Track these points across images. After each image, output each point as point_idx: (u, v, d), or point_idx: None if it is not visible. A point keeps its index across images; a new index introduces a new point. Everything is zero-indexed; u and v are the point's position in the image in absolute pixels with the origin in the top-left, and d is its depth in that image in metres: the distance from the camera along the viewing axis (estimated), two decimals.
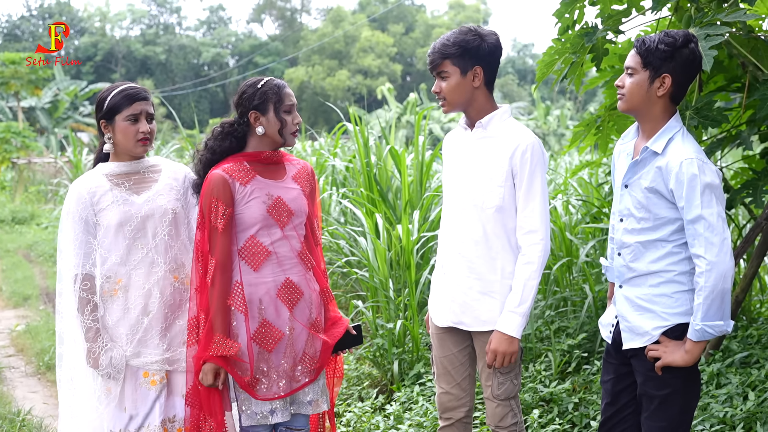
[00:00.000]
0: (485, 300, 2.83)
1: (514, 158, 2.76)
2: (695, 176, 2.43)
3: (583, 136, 4.20)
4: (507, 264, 2.81)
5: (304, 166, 2.97)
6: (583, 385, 4.13)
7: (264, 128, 2.81)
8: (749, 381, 3.71)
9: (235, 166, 2.80)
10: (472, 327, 2.87)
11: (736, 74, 3.84)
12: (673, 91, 2.52)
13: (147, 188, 2.92)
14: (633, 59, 2.55)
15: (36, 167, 18.65)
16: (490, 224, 2.80)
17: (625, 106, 2.59)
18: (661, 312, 2.54)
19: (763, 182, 3.72)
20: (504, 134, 2.82)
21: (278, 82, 2.85)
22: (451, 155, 2.98)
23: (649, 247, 2.56)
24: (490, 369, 2.84)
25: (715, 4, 3.40)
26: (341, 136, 8.48)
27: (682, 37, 2.50)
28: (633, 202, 2.59)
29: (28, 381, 5.32)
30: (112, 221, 2.84)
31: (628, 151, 2.66)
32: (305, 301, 2.87)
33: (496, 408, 2.87)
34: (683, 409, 2.56)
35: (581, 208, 5.66)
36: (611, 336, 2.71)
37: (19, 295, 7.86)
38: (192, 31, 49.66)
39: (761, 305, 4.95)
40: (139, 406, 2.84)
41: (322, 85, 40.69)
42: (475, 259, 2.83)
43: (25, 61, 22.38)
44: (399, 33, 44.99)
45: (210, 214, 2.76)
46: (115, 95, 2.87)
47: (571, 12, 3.68)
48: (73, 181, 12.54)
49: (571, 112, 28.14)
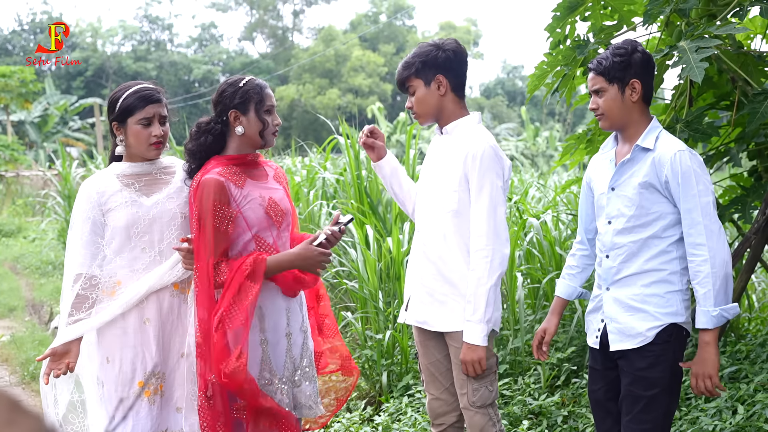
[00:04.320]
0: (447, 301, 2.87)
1: (467, 163, 2.81)
2: (689, 166, 2.51)
3: (573, 150, 4.22)
4: (466, 268, 2.84)
5: (278, 167, 2.97)
6: (572, 398, 4.13)
7: (244, 128, 2.76)
8: (738, 395, 3.72)
9: (227, 170, 2.74)
10: (435, 327, 2.90)
11: (726, 91, 3.88)
12: (643, 92, 2.63)
13: (158, 190, 2.84)
14: (597, 81, 2.65)
15: (24, 180, 18.56)
16: (449, 228, 2.85)
17: (607, 124, 2.68)
18: (654, 312, 2.57)
19: (752, 198, 3.76)
20: (463, 140, 2.87)
21: (260, 82, 2.81)
22: (426, 159, 3.05)
23: (642, 246, 2.60)
24: (464, 377, 2.86)
25: (705, 19, 3.45)
26: (331, 152, 8.49)
27: (629, 44, 2.66)
28: (623, 202, 2.63)
29: (13, 391, 5.26)
30: (120, 222, 2.76)
31: (610, 158, 2.73)
32: (297, 302, 2.87)
33: (474, 416, 2.87)
34: (668, 410, 2.59)
35: (570, 223, 5.68)
36: (598, 341, 2.71)
37: (4, 306, 7.80)
38: (183, 47, 49.73)
39: (749, 322, 4.97)
40: (129, 414, 2.72)
41: (312, 103, 40.76)
42: (437, 261, 2.88)
43: (15, 74, 22.35)
44: (390, 53, 45.18)
45: (214, 217, 2.67)
46: (129, 96, 2.78)
47: (562, 27, 3.72)
48: (61, 193, 12.38)
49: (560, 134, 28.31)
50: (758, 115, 3.25)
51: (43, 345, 5.90)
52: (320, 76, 42.97)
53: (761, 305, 5.36)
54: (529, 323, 4.79)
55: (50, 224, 13.03)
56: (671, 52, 3.09)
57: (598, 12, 3.72)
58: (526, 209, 5.88)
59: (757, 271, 5.67)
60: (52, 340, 6.11)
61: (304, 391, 2.85)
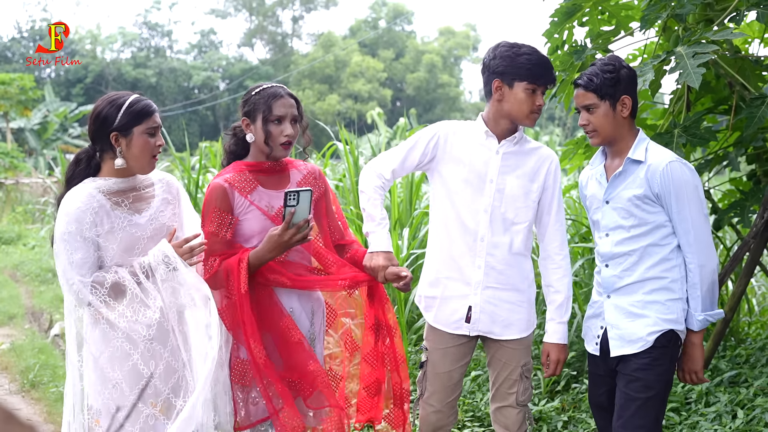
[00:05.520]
0: (519, 309, 2.91)
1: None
2: (680, 177, 2.57)
3: (571, 155, 4.23)
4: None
5: (311, 171, 2.89)
6: (572, 403, 4.13)
7: (253, 136, 2.76)
8: (738, 399, 3.72)
9: (237, 176, 2.73)
10: (503, 336, 2.90)
11: (724, 95, 3.88)
12: (632, 107, 2.68)
13: (147, 206, 2.69)
14: (588, 97, 2.67)
15: (24, 187, 18.56)
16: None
17: (599, 140, 2.72)
18: (655, 317, 2.61)
19: (750, 202, 3.76)
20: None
21: (273, 91, 2.75)
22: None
23: (643, 255, 2.63)
24: (516, 377, 2.90)
25: (702, 24, 3.46)
26: (331, 158, 8.50)
27: (615, 60, 2.71)
28: (619, 214, 2.67)
29: (12, 399, 5.26)
30: (119, 246, 2.60)
31: (600, 173, 2.77)
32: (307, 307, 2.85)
33: (518, 414, 2.91)
34: (658, 416, 2.62)
35: (570, 228, 5.68)
36: (598, 348, 2.72)
37: (4, 314, 7.79)
38: (183, 54, 49.76)
39: (749, 326, 4.97)
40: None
41: (312, 109, 40.80)
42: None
43: (15, 82, 22.37)
44: (389, 58, 45.25)
45: (212, 223, 2.67)
46: (133, 104, 2.60)
47: (560, 32, 3.73)
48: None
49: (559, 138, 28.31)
50: (756, 119, 3.26)
51: (43, 353, 5.90)
52: (320, 82, 43.04)
53: (761, 309, 5.36)
54: None
55: (50, 232, 12.99)
56: (669, 57, 3.09)
57: (596, 17, 3.73)
58: None
59: (757, 274, 5.67)
60: (52, 348, 6.09)
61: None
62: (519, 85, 2.76)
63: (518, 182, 2.84)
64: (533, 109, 2.80)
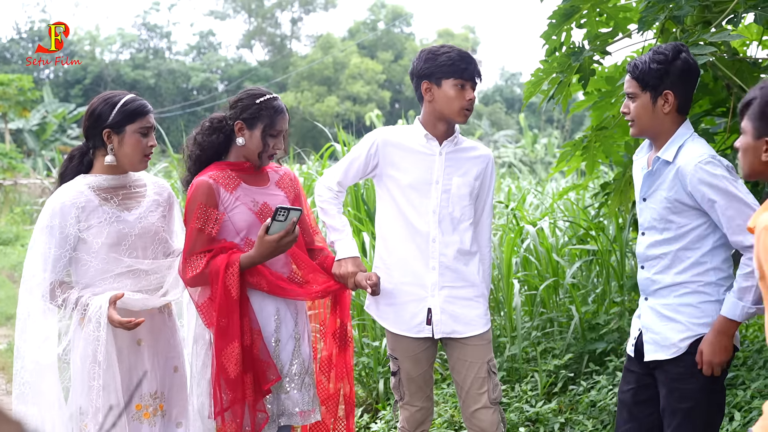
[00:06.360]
0: (476, 305, 2.94)
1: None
2: (711, 177, 2.41)
3: (569, 157, 4.23)
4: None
5: (286, 173, 2.98)
6: (569, 405, 4.12)
7: (245, 142, 2.80)
8: (735, 402, 3.71)
9: (221, 173, 2.78)
10: (466, 333, 2.93)
11: (721, 97, 3.89)
12: (678, 104, 2.52)
13: (137, 204, 2.74)
14: (630, 84, 2.55)
15: (22, 188, 18.56)
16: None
17: (637, 131, 2.59)
18: (687, 321, 2.50)
19: None
20: None
21: (278, 105, 2.82)
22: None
23: (674, 259, 2.52)
24: (484, 374, 2.90)
25: (700, 26, 3.46)
26: (329, 160, 8.49)
27: (671, 50, 2.51)
28: (653, 215, 2.57)
29: (9, 399, 5.24)
30: (106, 240, 2.64)
31: (643, 165, 2.66)
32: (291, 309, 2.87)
33: (493, 414, 2.91)
34: (708, 421, 2.50)
35: (568, 230, 5.69)
36: (633, 348, 2.67)
37: (1, 314, 7.80)
38: (182, 55, 49.73)
39: (746, 329, 4.97)
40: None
41: (310, 110, 40.80)
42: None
43: (13, 82, 22.35)
44: (388, 60, 45.25)
45: (198, 220, 2.70)
46: (127, 103, 2.66)
47: (558, 34, 3.73)
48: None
49: (558, 141, 28.34)
50: None
51: None
52: (318, 84, 43.04)
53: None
54: (526, 330, 4.78)
55: None
56: None
57: (594, 19, 3.73)
58: (523, 216, 5.88)
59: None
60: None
61: (292, 398, 2.84)
62: (447, 83, 2.84)
63: (462, 181, 2.92)
64: (464, 105, 2.86)
